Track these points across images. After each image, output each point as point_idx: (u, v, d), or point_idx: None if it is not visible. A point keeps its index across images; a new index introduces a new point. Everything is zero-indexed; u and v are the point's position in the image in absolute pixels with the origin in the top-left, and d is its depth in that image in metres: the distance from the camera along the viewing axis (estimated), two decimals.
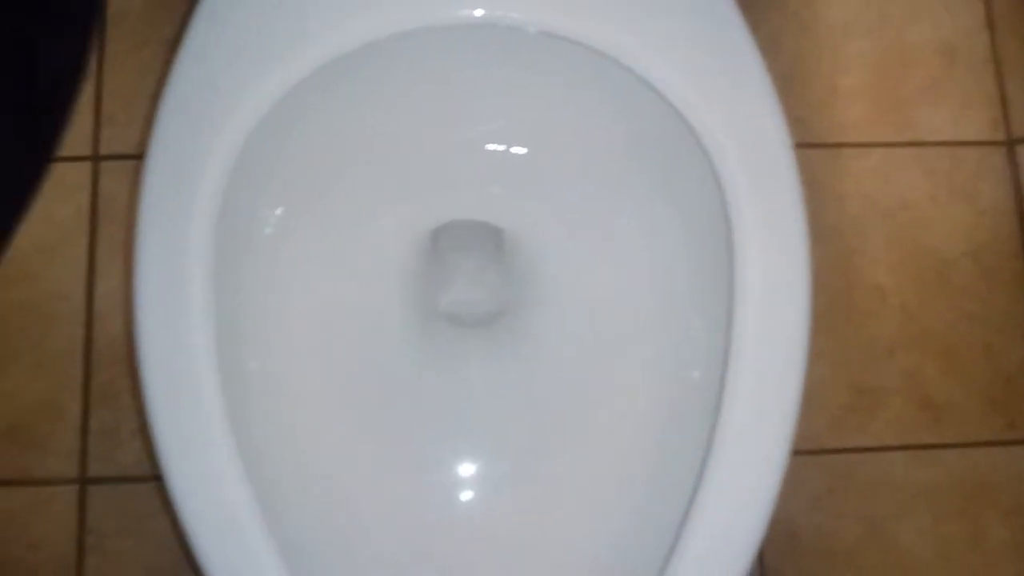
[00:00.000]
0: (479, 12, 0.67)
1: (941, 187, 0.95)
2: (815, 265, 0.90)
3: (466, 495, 0.73)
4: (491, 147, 0.76)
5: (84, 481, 0.85)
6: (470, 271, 0.78)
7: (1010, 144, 0.96)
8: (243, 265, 0.70)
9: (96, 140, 0.91)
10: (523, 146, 0.77)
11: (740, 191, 0.66)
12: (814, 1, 0.99)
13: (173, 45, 0.88)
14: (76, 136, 0.91)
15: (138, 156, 0.90)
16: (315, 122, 0.71)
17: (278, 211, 0.73)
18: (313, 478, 0.71)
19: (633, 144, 0.73)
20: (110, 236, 0.90)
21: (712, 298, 0.68)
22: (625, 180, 0.74)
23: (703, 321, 0.71)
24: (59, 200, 0.90)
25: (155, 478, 0.84)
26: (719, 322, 0.66)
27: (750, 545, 0.60)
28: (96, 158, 0.91)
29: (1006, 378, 0.91)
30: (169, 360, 0.63)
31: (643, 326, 0.75)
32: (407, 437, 0.74)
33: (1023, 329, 0.92)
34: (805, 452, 0.89)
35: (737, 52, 0.68)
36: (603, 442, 0.73)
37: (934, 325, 0.92)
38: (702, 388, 0.68)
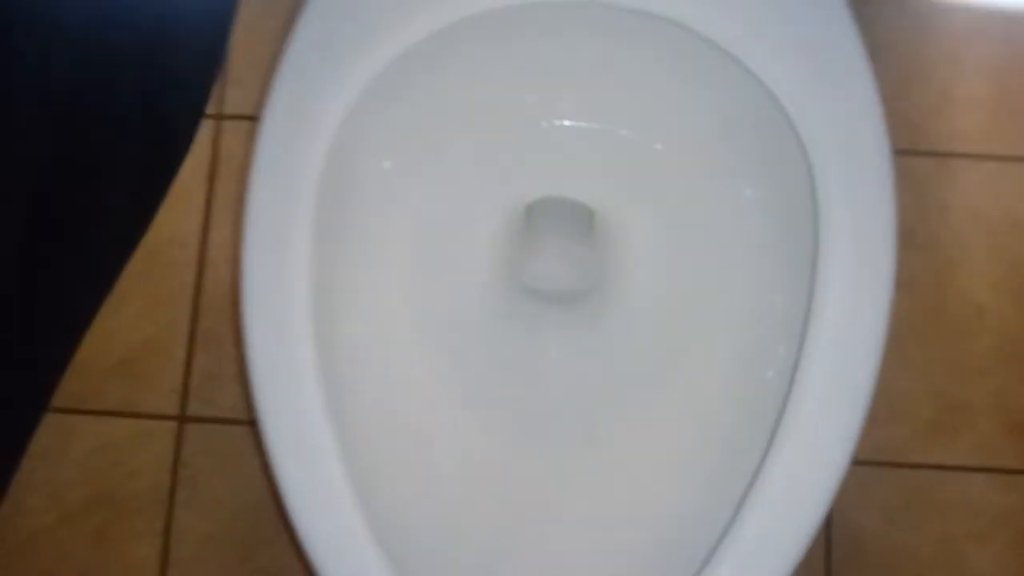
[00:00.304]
0: None
1: None
2: (912, 274, 0.90)
3: (537, 459, 0.76)
4: (590, 126, 0.78)
5: (183, 419, 0.91)
6: (559, 247, 0.80)
7: None
8: (348, 213, 0.73)
9: (221, 100, 0.96)
10: (624, 127, 0.78)
11: (832, 192, 0.67)
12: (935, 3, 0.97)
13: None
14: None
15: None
16: (422, 90, 0.74)
17: (386, 164, 0.76)
18: (397, 429, 0.74)
19: (728, 130, 0.74)
20: (226, 190, 0.95)
21: (796, 297, 0.69)
22: (719, 166, 0.75)
23: (784, 320, 0.72)
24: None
25: (249, 423, 0.89)
26: (799, 323, 0.67)
27: (799, 541, 0.61)
28: (220, 117, 0.96)
29: None
30: (269, 308, 0.67)
31: (724, 317, 0.76)
32: (485, 395, 0.77)
33: None
34: (884, 463, 0.88)
35: (843, 50, 0.68)
36: (671, 424, 0.75)
37: None
38: (775, 385, 0.68)
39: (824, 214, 0.65)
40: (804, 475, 0.62)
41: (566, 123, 0.78)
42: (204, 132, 0.96)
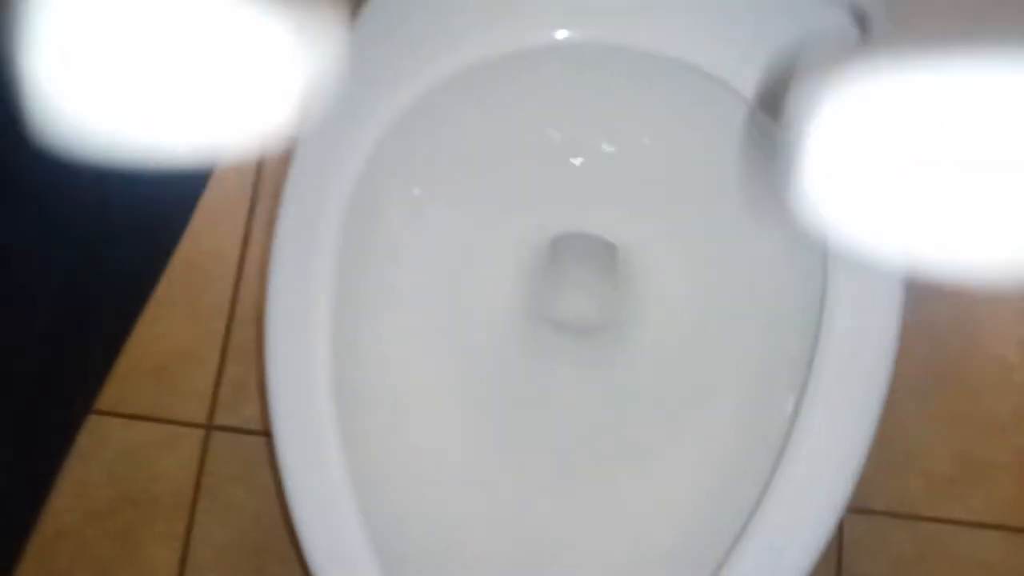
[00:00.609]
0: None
1: None
2: (938, 326, 0.89)
3: (543, 485, 0.77)
4: (616, 165, 0.80)
5: (210, 427, 0.94)
6: (582, 282, 0.82)
7: None
8: (375, 235, 0.75)
9: None
10: (646, 167, 0.80)
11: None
12: None
13: None
14: None
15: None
16: (454, 122, 0.77)
17: (415, 191, 0.79)
18: (407, 451, 0.76)
19: (743, 168, 0.75)
20: (266, 208, 0.98)
21: (807, 342, 0.69)
22: (736, 205, 0.76)
23: (795, 366, 0.72)
24: (230, 171, 0.99)
25: (269, 434, 0.92)
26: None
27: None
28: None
29: None
30: (290, 322, 0.69)
31: (738, 360, 0.77)
32: (498, 424, 0.79)
33: None
34: (898, 515, 0.88)
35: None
36: (680, 465, 0.75)
37: None
38: (784, 432, 0.69)
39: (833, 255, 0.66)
40: (796, 521, 0.62)
41: (595, 161, 0.80)
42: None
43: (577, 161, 0.80)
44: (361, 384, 0.73)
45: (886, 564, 0.87)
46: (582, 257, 0.81)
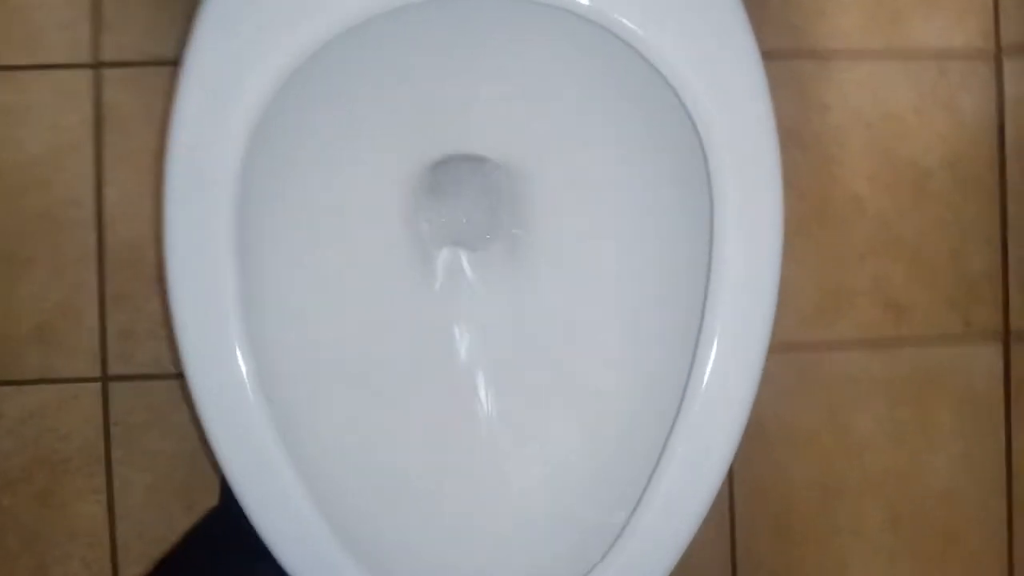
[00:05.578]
0: None
1: (926, 98, 0.97)
2: (796, 173, 0.95)
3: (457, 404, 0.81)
4: (483, 94, 0.79)
5: (106, 379, 0.92)
6: (465, 201, 0.82)
7: (998, 54, 0.98)
8: (265, 187, 0.73)
9: (97, 48, 0.93)
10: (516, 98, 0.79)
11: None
12: None
13: None
14: (75, 43, 0.93)
15: (140, 63, 0.93)
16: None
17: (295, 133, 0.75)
18: (323, 381, 0.77)
19: (621, 100, 0.75)
20: (115, 144, 0.93)
21: (695, 224, 0.73)
22: (615, 135, 0.77)
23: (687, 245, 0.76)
24: (64, 109, 0.93)
25: (175, 376, 0.92)
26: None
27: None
28: (97, 66, 0.93)
29: (969, 281, 0.97)
30: (194, 266, 0.68)
31: (629, 263, 0.80)
32: (407, 349, 0.81)
33: (990, 236, 0.97)
34: (774, 349, 0.95)
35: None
36: (587, 353, 0.80)
37: (906, 232, 0.97)
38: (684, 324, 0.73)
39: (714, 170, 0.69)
40: (726, 387, 0.70)
41: (462, 96, 0.79)
42: (83, 83, 0.93)
43: (448, 96, 0.78)
44: (270, 330, 0.73)
45: (769, 393, 0.95)
46: (460, 177, 0.82)
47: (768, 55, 0.70)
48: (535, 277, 0.81)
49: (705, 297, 0.69)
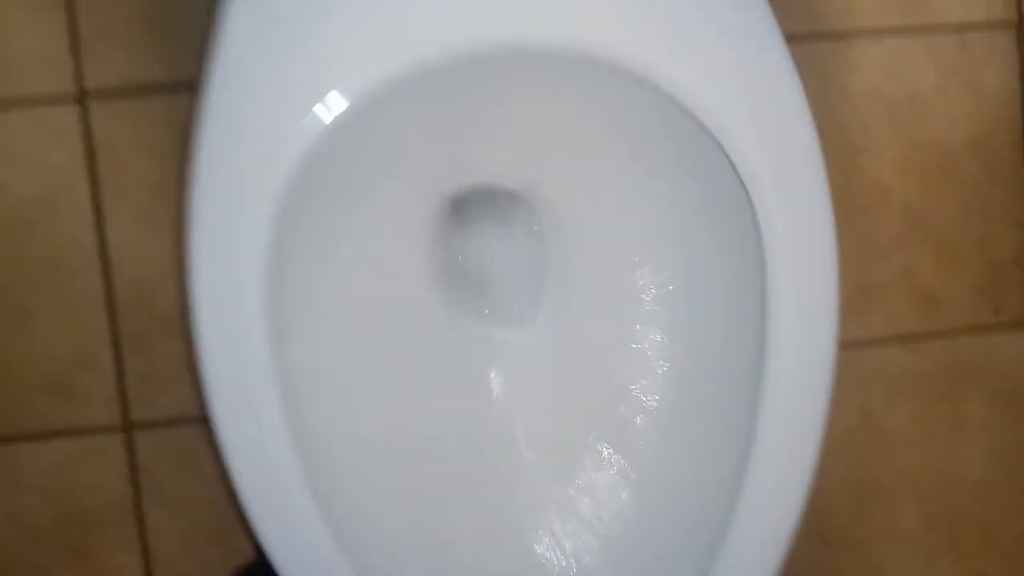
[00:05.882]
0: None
1: (948, 75, 0.94)
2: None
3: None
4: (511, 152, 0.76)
5: (129, 427, 0.90)
6: (489, 234, 0.79)
7: (1020, 24, 0.94)
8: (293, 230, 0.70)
9: (79, 76, 0.86)
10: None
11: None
12: None
13: None
14: (55, 71, 0.86)
15: (129, 91, 0.87)
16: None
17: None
18: (348, 419, 0.76)
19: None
20: (113, 181, 0.87)
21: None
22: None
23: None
24: (51, 147, 0.87)
25: (199, 420, 0.89)
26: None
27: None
28: (82, 98, 0.86)
29: (997, 267, 0.96)
30: (219, 319, 0.65)
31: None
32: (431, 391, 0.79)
33: (1017, 219, 0.96)
34: None
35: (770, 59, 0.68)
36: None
37: (933, 219, 0.95)
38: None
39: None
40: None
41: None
42: (69, 119, 0.87)
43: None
44: (296, 364, 0.71)
45: None
46: (486, 209, 0.78)
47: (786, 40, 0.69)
48: (575, 342, 0.78)
49: (762, 357, 0.68)
